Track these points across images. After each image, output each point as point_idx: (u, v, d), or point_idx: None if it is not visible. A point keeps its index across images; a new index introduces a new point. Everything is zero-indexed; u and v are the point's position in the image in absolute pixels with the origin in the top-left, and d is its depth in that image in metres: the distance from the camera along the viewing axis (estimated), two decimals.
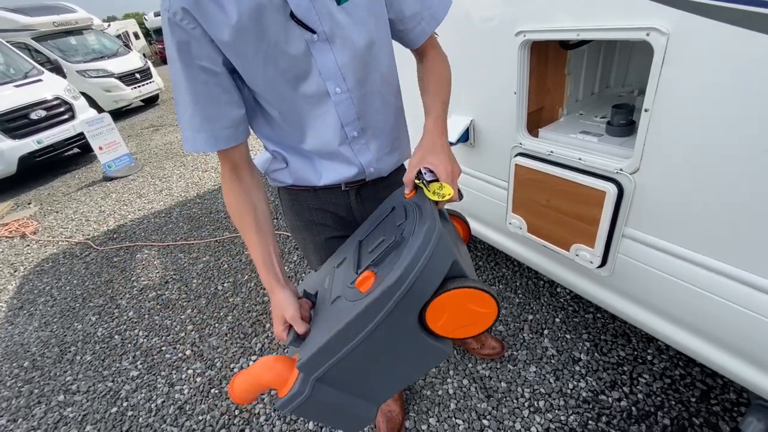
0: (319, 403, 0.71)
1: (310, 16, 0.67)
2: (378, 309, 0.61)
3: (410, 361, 0.73)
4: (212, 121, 0.72)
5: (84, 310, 2.36)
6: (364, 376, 0.72)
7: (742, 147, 0.74)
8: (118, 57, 7.82)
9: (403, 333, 0.66)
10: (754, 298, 0.83)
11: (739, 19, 0.67)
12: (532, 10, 1.01)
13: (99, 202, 3.97)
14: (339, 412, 0.76)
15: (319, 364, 0.67)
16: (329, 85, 0.74)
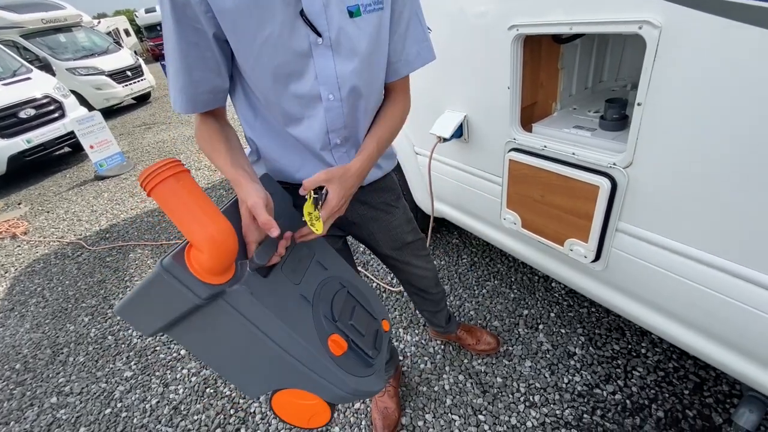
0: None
1: (320, 20, 0.67)
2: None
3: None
4: (195, 85, 0.72)
5: (76, 311, 2.34)
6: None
7: (735, 140, 0.74)
8: (109, 54, 7.72)
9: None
10: (746, 291, 0.84)
11: (732, 11, 0.67)
12: (524, 4, 1.00)
13: (91, 201, 3.92)
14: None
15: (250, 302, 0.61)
16: (323, 90, 0.74)
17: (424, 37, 0.83)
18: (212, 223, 0.56)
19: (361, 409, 1.48)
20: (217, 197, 3.45)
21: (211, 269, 0.57)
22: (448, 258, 2.15)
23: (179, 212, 0.55)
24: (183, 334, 0.66)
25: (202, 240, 0.55)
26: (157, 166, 0.53)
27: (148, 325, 0.64)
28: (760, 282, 0.81)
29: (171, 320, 0.62)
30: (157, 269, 0.54)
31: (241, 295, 0.60)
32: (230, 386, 1.66)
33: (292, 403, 0.70)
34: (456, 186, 1.58)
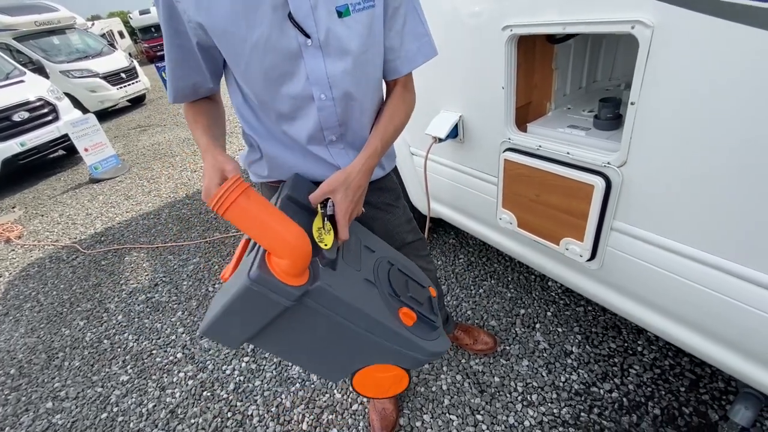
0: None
1: (308, 21, 0.67)
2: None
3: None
4: (177, 79, 0.77)
5: (72, 314, 2.32)
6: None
7: (727, 139, 0.75)
8: (103, 56, 7.68)
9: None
10: (740, 288, 0.84)
11: (723, 11, 0.67)
12: (518, 4, 1.00)
13: (86, 204, 3.90)
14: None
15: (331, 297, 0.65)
16: (315, 90, 0.74)
17: (425, 32, 0.82)
18: (287, 230, 0.59)
19: (359, 410, 1.47)
20: None
21: (294, 273, 0.60)
22: (445, 258, 2.15)
23: (254, 227, 0.57)
24: (268, 339, 0.68)
25: (283, 248, 0.58)
26: (225, 189, 0.55)
27: (236, 339, 0.66)
28: (754, 279, 0.81)
29: (259, 329, 0.64)
30: (245, 282, 0.57)
31: (322, 292, 0.63)
32: (228, 389, 1.65)
33: (372, 377, 0.76)
34: (452, 186, 1.58)
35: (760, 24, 0.64)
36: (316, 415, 1.49)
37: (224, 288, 0.67)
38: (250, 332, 0.65)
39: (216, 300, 0.66)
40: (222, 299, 0.62)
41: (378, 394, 0.81)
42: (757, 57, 0.66)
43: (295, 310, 0.63)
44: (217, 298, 0.67)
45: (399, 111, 0.87)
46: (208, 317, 0.63)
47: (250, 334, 0.65)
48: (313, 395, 1.56)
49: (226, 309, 0.61)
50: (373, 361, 0.75)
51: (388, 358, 0.74)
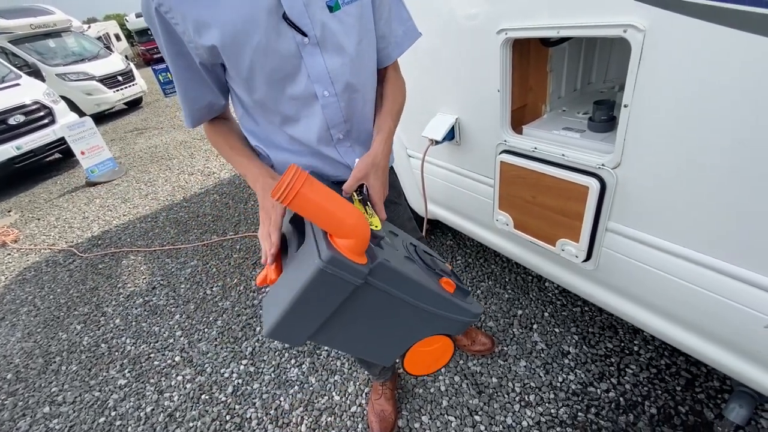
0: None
1: (303, 19, 0.68)
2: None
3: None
4: (191, 102, 0.78)
5: (69, 318, 2.31)
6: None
7: (719, 140, 0.76)
8: (99, 59, 7.67)
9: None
10: (733, 288, 0.85)
11: (713, 15, 0.69)
12: (512, 8, 1.01)
13: (82, 208, 3.89)
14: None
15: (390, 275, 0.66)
16: (317, 88, 0.75)
17: (408, 16, 0.86)
18: (350, 211, 0.61)
19: (358, 412, 1.48)
20: (211, 201, 3.43)
21: (359, 251, 0.62)
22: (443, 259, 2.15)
23: (319, 213, 0.59)
24: (330, 331, 0.68)
25: (349, 229, 0.60)
26: (288, 180, 0.56)
27: (302, 334, 0.66)
28: (746, 279, 0.82)
29: (325, 319, 0.65)
30: (318, 265, 0.57)
31: (384, 268, 0.65)
32: (226, 392, 1.65)
33: (420, 354, 0.80)
34: (449, 188, 1.59)
35: (747, 27, 0.65)
36: (314, 417, 1.49)
37: (276, 289, 0.66)
38: (317, 324, 0.65)
39: (271, 301, 0.66)
40: (284, 296, 0.62)
41: (429, 369, 0.84)
42: (745, 59, 0.67)
43: (358, 293, 0.64)
44: (271, 300, 0.66)
45: (399, 92, 0.91)
46: (272, 317, 0.63)
47: (316, 327, 0.65)
48: (311, 397, 1.56)
49: (296, 300, 0.60)
50: (423, 335, 0.78)
51: (437, 328, 0.78)
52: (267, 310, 0.65)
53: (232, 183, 3.75)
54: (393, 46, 0.85)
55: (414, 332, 0.77)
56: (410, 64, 1.48)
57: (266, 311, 0.65)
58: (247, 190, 3.51)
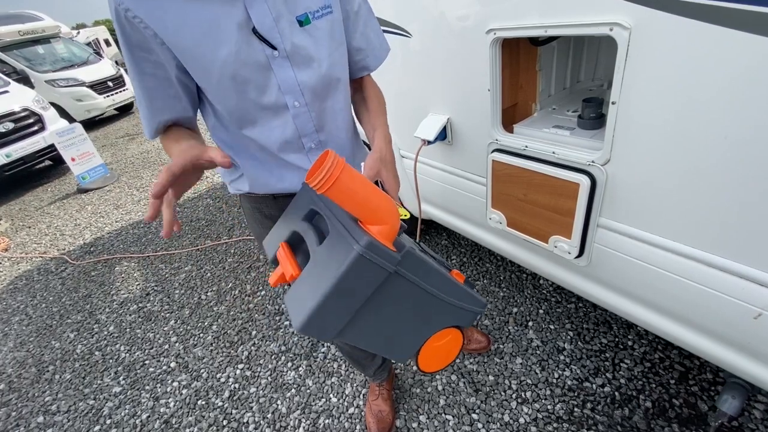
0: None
1: (272, 33, 0.69)
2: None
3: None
4: (157, 113, 0.74)
5: (61, 327, 2.28)
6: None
7: (704, 135, 0.77)
8: (89, 65, 7.60)
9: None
10: (724, 280, 0.86)
11: (696, 12, 0.70)
12: (501, 8, 1.02)
13: (74, 215, 3.85)
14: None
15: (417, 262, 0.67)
16: (288, 98, 0.76)
17: (379, 28, 0.89)
18: (384, 198, 0.61)
19: (355, 413, 1.47)
20: (204, 206, 3.41)
21: (391, 238, 0.62)
22: None
23: (356, 199, 0.58)
24: (358, 325, 0.67)
25: (385, 213, 0.61)
26: (328, 168, 0.54)
27: (333, 327, 0.64)
28: (735, 271, 0.84)
29: (355, 310, 0.64)
30: (358, 251, 0.57)
31: (411, 256, 0.65)
32: (223, 397, 1.64)
33: (433, 350, 0.80)
34: (442, 188, 1.60)
35: (731, 24, 0.67)
36: (312, 420, 1.48)
37: (302, 283, 0.65)
38: (347, 316, 0.64)
39: (298, 296, 0.64)
40: (316, 287, 0.60)
41: (442, 364, 0.85)
42: (729, 55, 0.69)
43: (386, 282, 0.64)
44: (297, 294, 0.64)
45: (380, 93, 0.94)
46: (304, 310, 0.60)
47: (346, 320, 0.64)
48: (309, 400, 1.56)
49: (332, 289, 0.58)
50: (438, 327, 0.78)
51: (450, 319, 0.79)
52: (294, 305, 0.63)
53: (225, 187, 3.73)
54: (371, 58, 0.88)
55: (431, 324, 0.78)
56: (401, 66, 1.50)
57: (293, 307, 0.63)
58: None
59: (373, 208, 0.60)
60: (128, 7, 0.62)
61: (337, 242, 0.62)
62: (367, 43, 0.86)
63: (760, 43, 0.65)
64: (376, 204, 0.60)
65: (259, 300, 2.16)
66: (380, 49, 0.89)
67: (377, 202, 0.61)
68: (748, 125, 0.71)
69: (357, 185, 0.58)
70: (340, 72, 0.81)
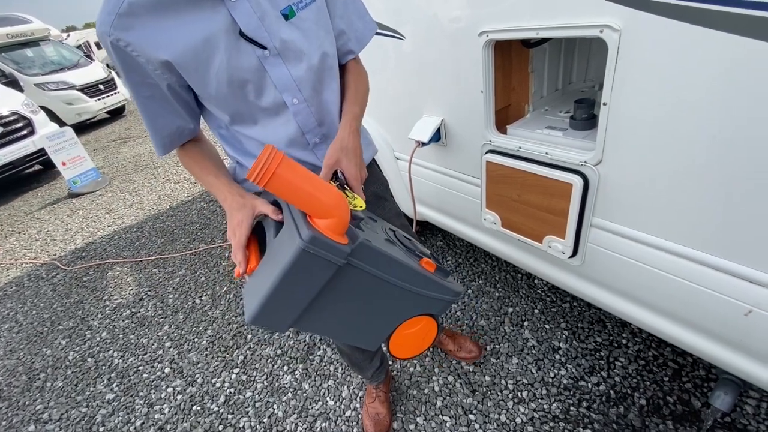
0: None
1: (260, 33, 0.69)
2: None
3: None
4: (160, 129, 0.78)
5: (53, 334, 2.25)
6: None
7: (694, 135, 0.78)
8: (80, 68, 7.53)
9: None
10: (714, 278, 0.88)
11: (684, 14, 0.71)
12: (493, 10, 1.03)
13: (65, 220, 3.80)
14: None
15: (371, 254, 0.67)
16: (286, 96, 0.76)
17: (365, 10, 0.87)
18: (328, 191, 0.60)
19: (353, 416, 1.47)
20: (198, 209, 3.39)
21: (340, 231, 0.61)
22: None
23: (297, 193, 0.58)
24: (313, 316, 0.67)
25: (329, 207, 0.60)
26: (263, 160, 0.54)
27: (285, 320, 0.64)
28: (726, 269, 0.85)
29: (308, 302, 0.64)
30: (300, 246, 0.57)
31: (365, 248, 0.64)
32: (218, 402, 1.63)
33: (404, 337, 0.80)
34: (437, 189, 1.60)
35: (716, 25, 0.68)
36: (309, 423, 1.48)
37: (257, 276, 0.65)
38: (300, 308, 0.64)
39: (252, 289, 0.64)
40: (265, 281, 0.61)
41: (416, 351, 0.85)
42: (716, 56, 0.70)
43: (341, 274, 0.64)
44: (251, 287, 0.65)
45: (360, 79, 0.90)
46: (254, 303, 0.61)
47: (299, 311, 0.64)
48: (305, 404, 1.55)
49: (278, 283, 0.59)
50: (406, 316, 0.78)
51: (419, 308, 0.78)
52: (248, 297, 0.64)
53: None
54: (354, 42, 0.86)
55: (397, 313, 0.77)
56: (395, 68, 1.50)
57: (247, 299, 0.64)
58: None
59: (316, 202, 0.59)
60: (119, 37, 0.63)
61: (287, 236, 0.62)
62: (349, 26, 0.84)
63: (741, 44, 0.66)
64: (318, 198, 0.59)
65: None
66: (364, 30, 0.87)
67: (319, 195, 0.59)
68: (734, 125, 0.72)
69: (297, 179, 0.57)
70: (332, 60, 0.81)
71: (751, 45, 0.65)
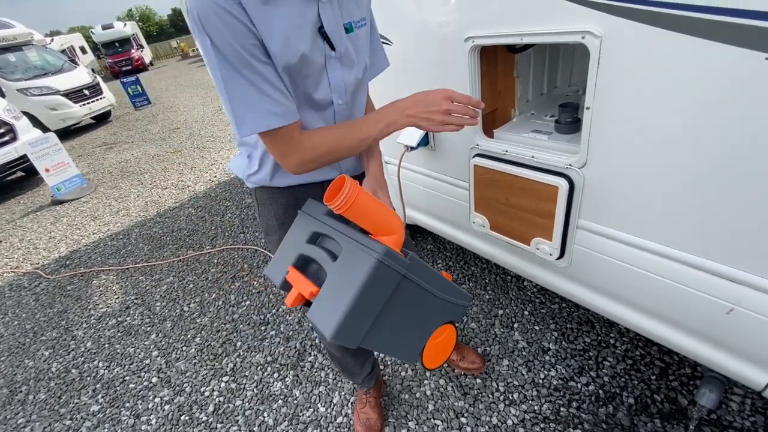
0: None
1: (335, 34, 0.77)
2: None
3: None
4: (267, 101, 0.72)
5: (35, 345, 2.19)
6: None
7: (675, 138, 0.80)
8: (64, 73, 7.41)
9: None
10: (696, 278, 0.89)
11: (662, 21, 0.73)
12: (478, 16, 1.05)
13: (48, 227, 3.72)
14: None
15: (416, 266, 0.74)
16: (334, 96, 0.85)
17: (383, 47, 0.99)
18: (393, 212, 0.74)
19: (344, 423, 1.46)
20: (186, 215, 3.35)
21: (399, 245, 0.73)
22: None
23: (371, 215, 0.69)
24: (377, 329, 0.73)
25: (394, 225, 0.73)
26: (347, 192, 0.64)
27: (358, 333, 0.70)
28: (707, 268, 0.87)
29: (375, 316, 0.70)
30: (377, 258, 0.65)
31: (415, 260, 0.74)
32: (207, 411, 1.60)
33: (434, 348, 0.88)
34: (426, 193, 1.61)
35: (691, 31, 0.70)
36: (300, 431, 1.46)
37: (325, 297, 0.70)
38: (370, 322, 0.70)
39: (323, 309, 0.69)
40: (339, 298, 0.66)
41: (444, 358, 0.93)
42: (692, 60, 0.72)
43: (398, 286, 0.71)
44: (322, 307, 0.69)
45: (373, 107, 1.05)
46: (333, 319, 0.65)
47: (369, 325, 0.70)
48: (296, 411, 1.53)
49: (357, 296, 0.65)
50: (437, 324, 0.87)
51: (446, 316, 0.88)
52: (321, 317, 0.69)
53: (207, 196, 3.67)
54: (372, 69, 0.96)
55: (431, 322, 0.86)
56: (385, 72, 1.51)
57: (320, 319, 0.69)
58: (224, 203, 3.45)
59: (385, 222, 0.71)
60: (248, 17, 0.65)
61: (352, 255, 0.70)
62: (374, 57, 0.95)
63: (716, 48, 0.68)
64: (387, 218, 0.71)
65: (243, 310, 2.12)
66: (380, 63, 0.98)
67: (387, 215, 0.72)
68: (711, 126, 0.74)
69: (370, 203, 0.69)
70: (367, 77, 0.93)
71: (725, 49, 0.67)
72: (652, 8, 0.74)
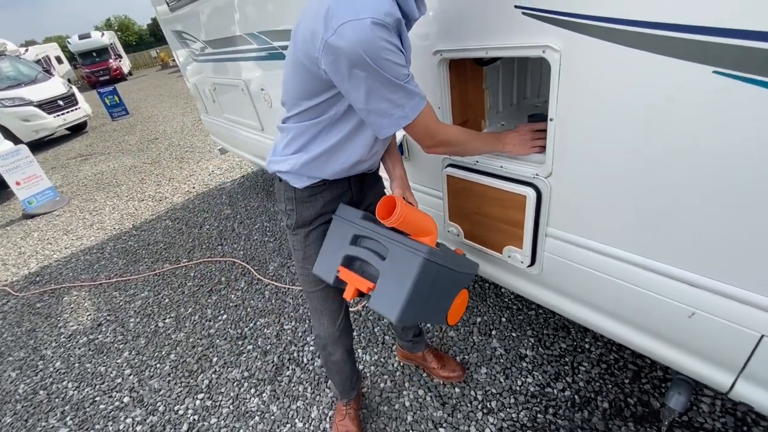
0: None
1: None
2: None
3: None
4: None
5: (1, 366, 2.10)
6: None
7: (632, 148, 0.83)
8: (38, 83, 7.24)
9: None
10: (659, 283, 0.92)
11: (616, 36, 0.76)
12: (444, 31, 1.07)
13: (18, 242, 3.58)
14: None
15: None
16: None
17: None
18: (429, 217, 0.98)
19: None
20: (163, 228, 3.27)
21: (435, 242, 0.96)
22: None
23: (415, 222, 0.92)
24: (422, 309, 0.95)
25: (431, 227, 0.97)
26: (399, 211, 0.85)
27: (414, 315, 0.92)
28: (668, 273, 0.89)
29: (425, 298, 0.93)
30: (424, 257, 0.86)
31: (446, 249, 1.03)
32: (181, 431, 1.55)
33: (453, 309, 1.09)
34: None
35: (645, 47, 0.73)
36: None
37: (382, 290, 0.91)
38: (421, 304, 0.92)
39: (382, 299, 0.90)
40: (396, 290, 0.88)
41: (460, 315, 1.13)
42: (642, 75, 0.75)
43: (436, 273, 0.92)
44: (381, 298, 0.90)
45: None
46: (395, 307, 0.87)
47: (420, 305, 0.92)
48: (273, 427, 1.50)
49: (412, 288, 0.86)
50: (457, 292, 1.07)
51: (463, 284, 1.09)
52: (383, 307, 0.89)
53: (185, 208, 3.61)
54: None
55: (454, 290, 1.06)
56: None
57: (382, 307, 0.89)
58: (202, 215, 3.39)
59: (426, 226, 0.94)
60: (398, 18, 0.78)
61: (400, 255, 0.90)
62: None
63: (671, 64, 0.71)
64: (425, 223, 0.94)
65: (220, 325, 2.08)
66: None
67: (428, 221, 0.95)
68: (665, 137, 0.77)
69: (413, 213, 0.90)
70: None
71: (675, 64, 0.70)
72: (607, 24, 0.76)
